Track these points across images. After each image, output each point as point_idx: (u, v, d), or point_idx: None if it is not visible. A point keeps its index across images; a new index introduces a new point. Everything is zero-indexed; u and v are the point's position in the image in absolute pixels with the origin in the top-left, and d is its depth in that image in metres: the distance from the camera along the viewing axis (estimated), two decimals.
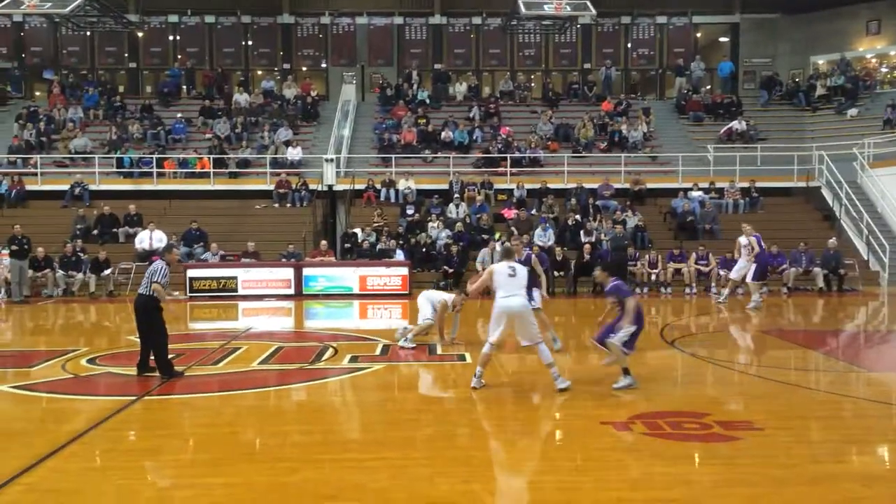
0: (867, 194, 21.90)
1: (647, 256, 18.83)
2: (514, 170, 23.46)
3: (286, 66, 31.24)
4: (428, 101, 27.76)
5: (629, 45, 31.21)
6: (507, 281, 8.16)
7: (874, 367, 9.74)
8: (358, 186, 23.20)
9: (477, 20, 30.79)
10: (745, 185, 22.76)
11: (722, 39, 31.99)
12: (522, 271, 8.37)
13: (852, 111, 26.58)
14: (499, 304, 8.12)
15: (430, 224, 20.67)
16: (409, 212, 21.47)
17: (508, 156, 23.67)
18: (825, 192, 22.77)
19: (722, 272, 17.89)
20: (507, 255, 8.70)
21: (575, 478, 5.61)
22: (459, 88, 28.93)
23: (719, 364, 9.95)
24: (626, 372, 8.34)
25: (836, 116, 26.77)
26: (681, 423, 6.95)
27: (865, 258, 20.23)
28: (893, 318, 15.48)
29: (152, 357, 8.94)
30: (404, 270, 18.25)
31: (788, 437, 6.54)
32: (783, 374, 9.28)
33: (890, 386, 8.72)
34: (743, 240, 15.70)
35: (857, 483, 5.45)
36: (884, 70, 29.60)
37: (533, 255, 10.98)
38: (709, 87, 29.64)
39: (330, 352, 10.73)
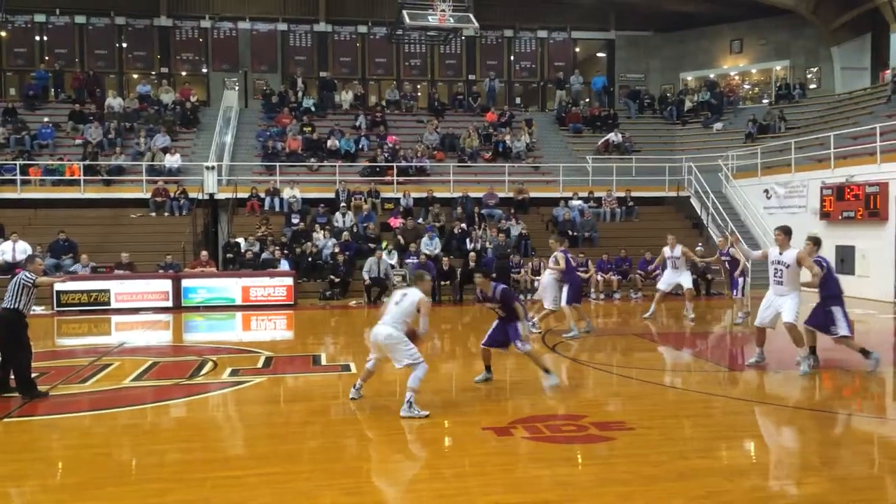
0: (731, 203, 23.31)
1: (530, 264, 19.31)
2: (401, 178, 23.53)
3: (164, 70, 30.14)
4: (313, 108, 27.45)
5: (512, 58, 32.02)
6: (390, 308, 7.93)
7: (737, 366, 10.35)
8: (241, 195, 22.62)
9: (362, 29, 30.79)
10: (622, 194, 23.76)
11: (599, 55, 33.36)
12: (406, 301, 7.93)
13: (718, 125, 28.28)
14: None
15: (316, 233, 20.42)
16: (295, 221, 21.12)
17: (395, 164, 23.74)
18: (694, 202, 24.08)
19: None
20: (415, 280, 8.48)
21: (456, 484, 5.68)
22: (345, 97, 28.78)
23: (597, 367, 10.33)
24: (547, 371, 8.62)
25: (703, 130, 28.41)
26: (559, 426, 7.16)
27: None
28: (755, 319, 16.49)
29: (12, 377, 8.39)
30: (289, 280, 17.93)
31: (659, 436, 6.87)
32: (655, 375, 9.74)
33: (752, 383, 9.28)
34: (667, 251, 15.02)
35: (720, 477, 5.78)
36: (746, 87, 31.70)
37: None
38: (588, 99, 30.80)
39: (210, 365, 10.40)
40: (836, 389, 9.17)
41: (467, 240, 20.26)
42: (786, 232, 9.39)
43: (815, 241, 9.88)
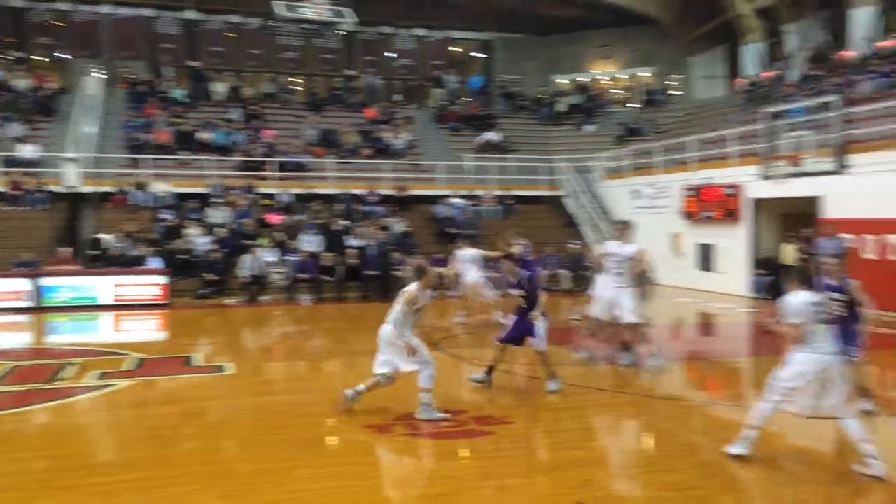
0: (603, 203, 24.31)
1: (412, 261, 19.35)
2: (279, 174, 23.05)
3: (18, 54, 28.08)
4: (184, 99, 26.40)
5: (391, 55, 32.00)
6: (393, 306, 7.39)
7: (615, 359, 10.78)
8: (106, 189, 21.45)
9: (235, 18, 29.83)
10: (500, 193, 24.29)
11: (477, 55, 33.92)
12: (400, 297, 7.46)
13: (589, 127, 29.41)
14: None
15: (189, 230, 19.64)
16: (165, 216, 20.24)
17: (272, 160, 23.21)
18: (568, 201, 24.95)
19: None
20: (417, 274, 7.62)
21: (336, 483, 5.64)
22: (219, 88, 27.85)
23: (480, 363, 10.48)
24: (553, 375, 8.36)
25: (576, 132, 29.45)
26: (439, 423, 7.24)
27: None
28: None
29: None
30: (162, 279, 17.17)
31: (536, 429, 7.09)
32: (534, 369, 9.98)
33: (628, 376, 9.66)
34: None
35: (594, 467, 6.03)
36: (615, 92, 33.13)
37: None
38: (468, 99, 31.25)
39: (74, 368, 9.82)
40: (700, 380, 9.75)
41: (348, 237, 20.09)
42: (626, 224, 9.67)
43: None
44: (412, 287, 7.48)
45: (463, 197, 23.58)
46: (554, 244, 20.70)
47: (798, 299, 5.94)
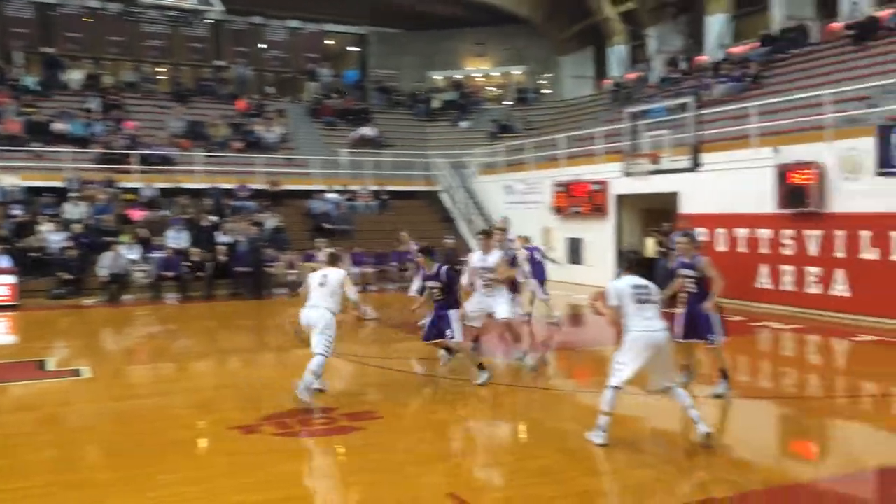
0: (478, 198, 24.68)
1: (285, 257, 18.96)
2: (143, 168, 21.94)
3: None
4: (36, 87, 24.66)
5: (262, 46, 31.16)
6: (315, 290, 7.78)
7: (487, 352, 10.95)
8: None
9: (93, 3, 28.09)
10: (376, 188, 24.18)
11: (352, 49, 33.62)
12: (331, 280, 7.81)
13: (464, 124, 29.80)
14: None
15: (43, 226, 18.37)
16: (16, 212, 18.83)
17: (135, 152, 22.06)
18: (444, 196, 25.18)
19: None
20: (331, 261, 8.20)
21: (200, 487, 5.42)
22: (75, 76, 26.18)
23: (351, 359, 10.40)
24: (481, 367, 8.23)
25: (452, 128, 29.78)
26: (309, 420, 7.12)
27: None
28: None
29: None
30: (10, 279, 15.97)
31: (408, 423, 7.09)
32: (408, 364, 10.01)
33: (497, 369, 9.82)
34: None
35: (458, 458, 6.09)
36: (489, 89, 33.72)
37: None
38: (343, 92, 30.89)
39: None
40: (567, 369, 10.06)
41: (217, 233, 19.41)
42: (487, 234, 9.24)
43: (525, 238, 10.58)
44: (343, 271, 7.99)
45: (338, 192, 23.32)
46: (429, 239, 20.75)
47: (620, 283, 6.42)
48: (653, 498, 5.29)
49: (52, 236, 18.02)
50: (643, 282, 6.49)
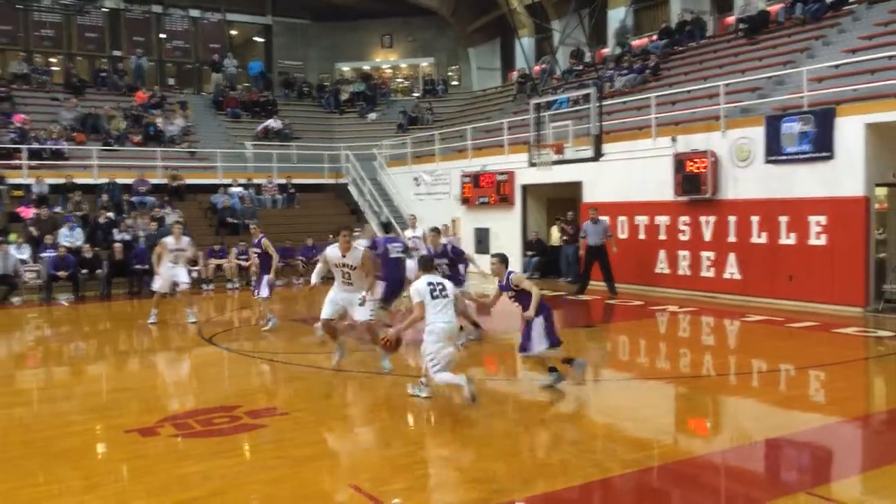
0: (386, 190, 24.57)
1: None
2: (33, 163, 20.83)
3: None
4: None
5: (162, 36, 30.08)
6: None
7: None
8: None
9: None
10: (283, 181, 23.74)
11: (256, 39, 32.86)
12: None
13: (372, 115, 29.61)
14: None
15: None
16: None
17: (25, 147, 20.92)
18: (352, 189, 24.96)
19: None
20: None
21: (92, 496, 5.18)
22: None
23: (256, 356, 10.19)
24: (552, 369, 7.83)
25: (359, 119, 29.53)
26: (211, 420, 6.93)
27: None
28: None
29: None
30: None
31: (311, 417, 6.99)
32: (314, 359, 9.84)
33: (403, 360, 9.82)
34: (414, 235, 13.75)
35: (361, 450, 6.06)
36: (397, 81, 33.60)
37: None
38: (247, 84, 30.17)
39: None
40: (473, 358, 10.13)
41: (115, 230, 18.65)
42: (349, 232, 8.84)
43: (437, 231, 10.64)
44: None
45: (243, 186, 22.78)
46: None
47: (419, 283, 7.19)
48: (556, 479, 5.38)
49: None
50: (435, 279, 7.29)
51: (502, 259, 7.97)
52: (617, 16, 24.84)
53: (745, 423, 7.02)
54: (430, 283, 7.18)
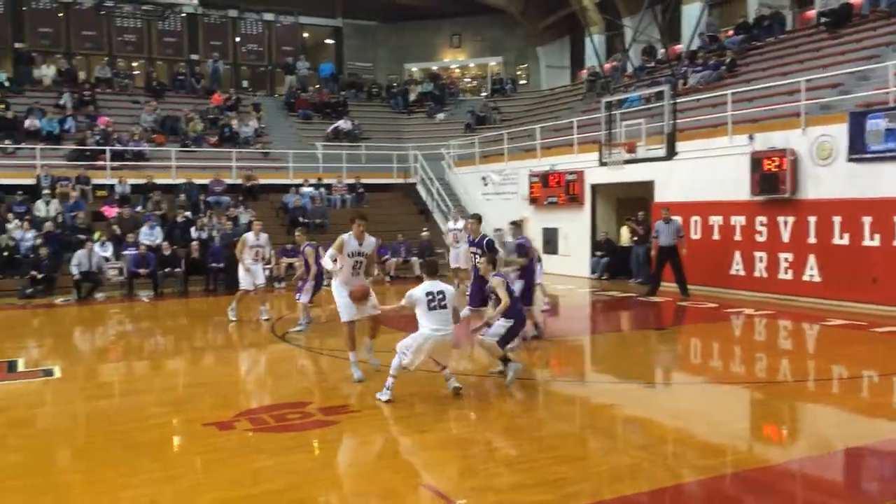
0: (454, 190, 24.66)
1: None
2: (116, 164, 21.70)
3: None
4: (7, 83, 24.30)
5: (238, 40, 30.89)
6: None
7: (461, 343, 10.93)
8: None
9: None
10: (351, 181, 24.08)
11: (327, 41, 33.40)
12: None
13: (440, 115, 29.74)
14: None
15: (12, 224, 18.11)
16: None
17: (108, 148, 21.81)
18: (420, 188, 25.13)
19: None
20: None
21: (172, 486, 5.34)
22: (47, 72, 25.83)
23: (327, 354, 10.35)
24: (505, 361, 8.01)
25: (428, 120, 29.71)
26: (285, 415, 7.07)
27: None
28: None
29: None
30: None
31: (382, 416, 7.06)
32: (381, 357, 9.92)
33: (478, 360, 9.83)
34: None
35: (433, 449, 6.08)
36: (465, 80, 33.66)
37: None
38: (317, 86, 30.70)
39: None
40: (543, 359, 10.07)
41: (192, 228, 19.24)
42: (366, 219, 8.95)
43: (478, 219, 10.33)
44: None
45: (313, 186, 23.19)
46: (405, 231, 20.81)
47: (417, 291, 7.31)
48: (625, 483, 5.30)
49: (22, 235, 17.79)
50: (436, 287, 7.34)
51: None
52: (692, 11, 24.27)
53: (824, 430, 6.77)
54: (428, 293, 7.26)
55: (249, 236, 13.17)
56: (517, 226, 11.44)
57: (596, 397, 7.96)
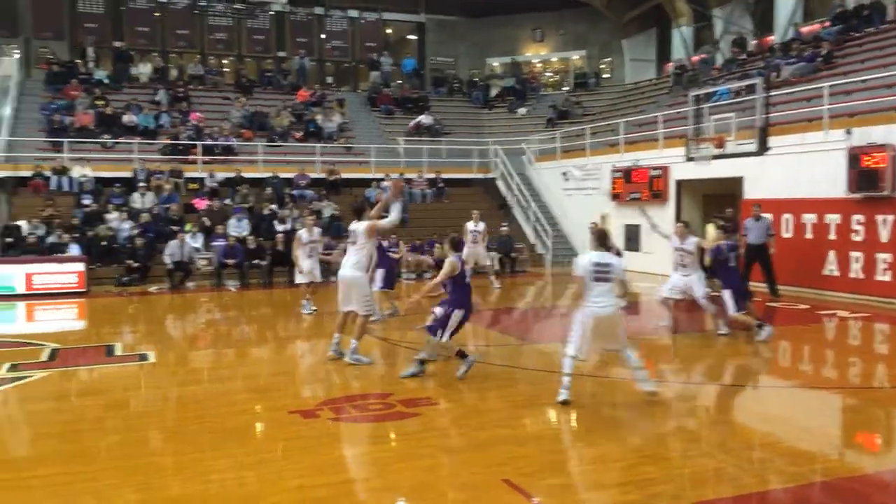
0: (534, 185, 24.50)
1: (342, 245, 19.15)
2: (206, 158, 22.49)
3: None
4: (107, 81, 25.50)
5: (323, 37, 31.50)
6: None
7: (541, 340, 10.91)
8: (23, 174, 20.58)
9: None
10: (432, 176, 24.22)
11: (410, 37, 33.68)
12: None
13: (522, 110, 29.57)
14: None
15: (111, 215, 19.01)
16: (86, 202, 19.54)
17: (199, 143, 22.63)
18: (500, 183, 25.07)
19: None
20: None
21: (258, 471, 5.51)
22: (143, 69, 26.97)
23: (405, 346, 10.47)
24: (462, 355, 8.17)
25: (509, 114, 29.59)
26: (367, 405, 7.20)
27: (532, 242, 22.70)
28: (556, 295, 17.52)
29: None
30: (80, 266, 16.58)
31: (461, 409, 7.10)
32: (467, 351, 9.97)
33: (553, 356, 9.75)
34: (470, 225, 16.71)
35: (514, 444, 6.06)
36: (547, 74, 33.37)
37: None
38: (400, 81, 31.01)
39: None
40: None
41: (276, 221, 19.75)
42: (686, 224, 10.76)
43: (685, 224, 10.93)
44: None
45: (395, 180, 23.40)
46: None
47: (584, 258, 7.08)
48: (710, 487, 5.18)
49: (120, 225, 18.64)
50: (604, 258, 7.05)
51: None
52: (785, 2, 23.41)
53: None
54: (596, 264, 6.97)
55: (303, 234, 13.46)
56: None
57: (681, 398, 7.78)
